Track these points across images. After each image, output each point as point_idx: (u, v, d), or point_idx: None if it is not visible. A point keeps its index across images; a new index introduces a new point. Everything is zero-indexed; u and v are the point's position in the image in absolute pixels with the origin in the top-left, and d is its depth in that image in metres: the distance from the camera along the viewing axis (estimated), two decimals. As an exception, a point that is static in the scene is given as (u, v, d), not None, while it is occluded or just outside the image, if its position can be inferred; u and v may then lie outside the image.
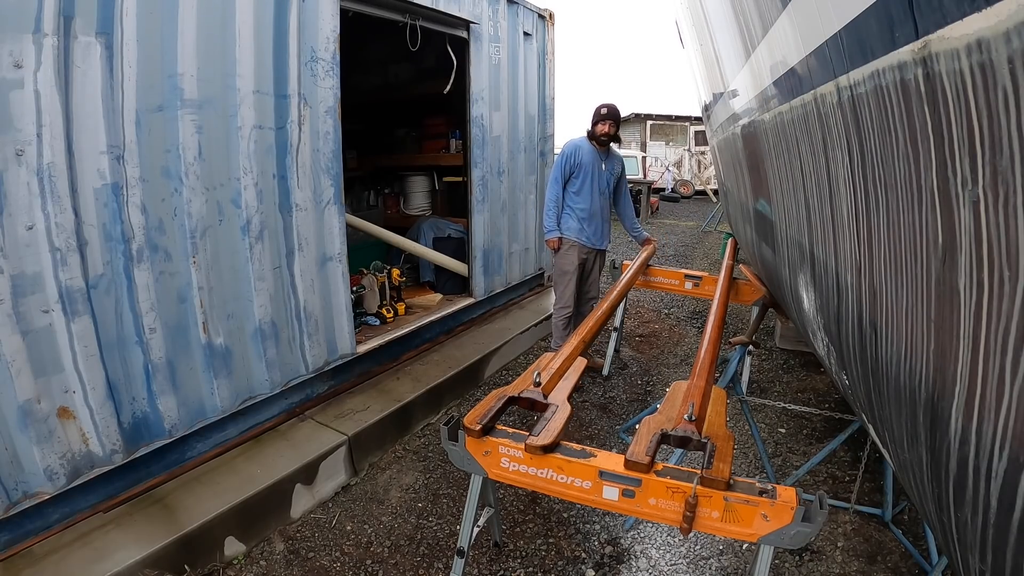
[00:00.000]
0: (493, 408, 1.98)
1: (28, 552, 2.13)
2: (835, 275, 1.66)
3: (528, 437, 1.80)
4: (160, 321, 2.40)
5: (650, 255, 4.31)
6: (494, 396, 2.06)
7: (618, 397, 4.07)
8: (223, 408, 2.71)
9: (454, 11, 3.81)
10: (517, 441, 1.83)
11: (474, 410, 1.97)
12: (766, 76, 2.02)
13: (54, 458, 2.13)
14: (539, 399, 2.04)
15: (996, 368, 0.83)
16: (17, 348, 1.99)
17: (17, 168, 1.93)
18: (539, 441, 1.77)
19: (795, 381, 4.26)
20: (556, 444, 1.79)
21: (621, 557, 2.53)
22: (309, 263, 3.05)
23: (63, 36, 1.98)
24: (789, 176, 2.07)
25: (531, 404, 2.06)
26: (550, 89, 5.33)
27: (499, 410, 2.00)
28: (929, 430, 1.11)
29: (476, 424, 1.87)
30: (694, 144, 17.87)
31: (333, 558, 2.51)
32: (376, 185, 6.03)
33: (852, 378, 1.74)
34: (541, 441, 1.76)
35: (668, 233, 11.13)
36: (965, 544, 1.05)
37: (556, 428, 1.83)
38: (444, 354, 4.16)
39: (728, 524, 1.54)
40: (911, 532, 2.60)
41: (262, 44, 2.64)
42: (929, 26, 0.81)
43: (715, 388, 2.09)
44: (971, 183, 0.81)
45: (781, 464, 3.22)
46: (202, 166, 2.47)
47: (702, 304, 5.97)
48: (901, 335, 1.19)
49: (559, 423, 1.87)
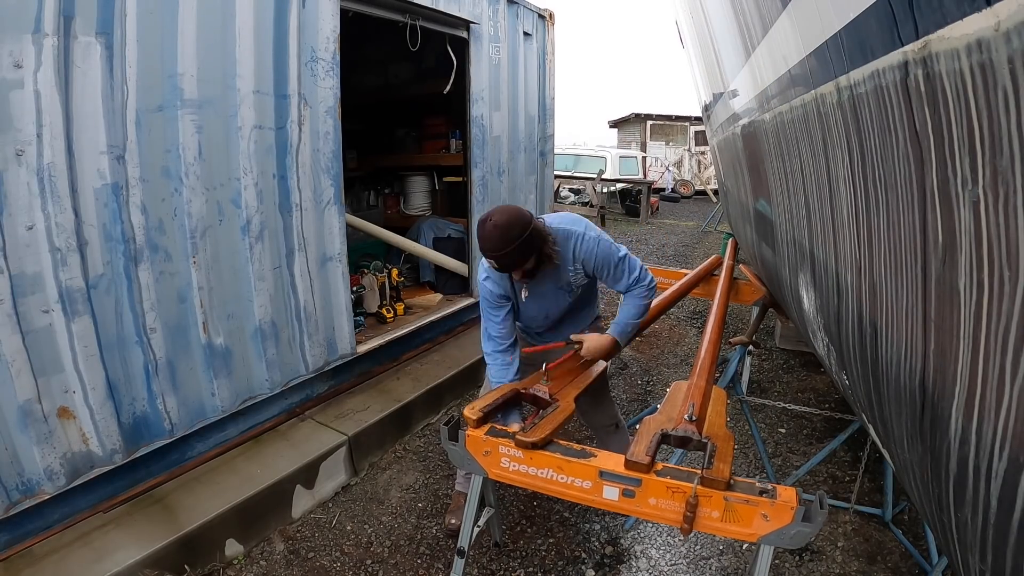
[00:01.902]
0: (496, 401, 1.98)
1: (28, 552, 2.13)
2: (835, 275, 1.66)
3: (517, 432, 1.80)
4: (160, 321, 2.40)
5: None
6: (501, 391, 2.07)
7: (618, 397, 4.07)
8: (223, 408, 2.71)
9: (454, 11, 3.81)
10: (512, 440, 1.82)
11: (477, 401, 1.96)
12: (766, 76, 2.02)
13: (54, 458, 2.13)
14: (543, 396, 2.04)
15: (996, 368, 0.83)
16: (17, 348, 1.99)
17: (17, 168, 1.93)
18: (528, 437, 1.76)
19: (795, 381, 4.26)
20: (547, 441, 1.79)
21: (621, 557, 2.53)
22: (309, 263, 3.05)
23: (63, 36, 1.98)
24: (789, 176, 2.07)
25: (534, 400, 2.06)
26: (550, 89, 5.32)
27: (502, 404, 2.00)
28: (929, 430, 1.11)
29: (477, 413, 1.87)
30: (694, 144, 17.87)
31: (333, 558, 2.51)
32: (376, 185, 6.03)
33: (852, 378, 1.74)
34: (530, 437, 1.76)
35: (668, 233, 11.13)
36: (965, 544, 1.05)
37: (550, 426, 1.83)
38: (444, 354, 4.16)
39: (728, 524, 1.54)
40: (911, 532, 2.60)
41: (262, 44, 2.64)
42: (929, 26, 0.81)
43: (715, 388, 2.09)
44: (971, 183, 0.81)
45: (781, 464, 3.22)
46: (202, 166, 2.47)
47: (702, 304, 5.97)
48: (901, 335, 1.19)
49: (555, 421, 1.86)
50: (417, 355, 4.11)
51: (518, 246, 1.97)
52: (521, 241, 1.97)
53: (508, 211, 2.03)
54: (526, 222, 2.00)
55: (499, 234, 1.96)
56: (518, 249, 1.98)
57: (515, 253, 1.99)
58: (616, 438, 2.60)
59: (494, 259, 2.03)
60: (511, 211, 2.03)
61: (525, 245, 1.99)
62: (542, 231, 2.06)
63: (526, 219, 2.01)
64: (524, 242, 1.98)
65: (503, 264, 2.04)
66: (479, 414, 1.88)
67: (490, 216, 2.01)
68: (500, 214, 2.01)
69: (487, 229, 1.99)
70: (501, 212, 2.02)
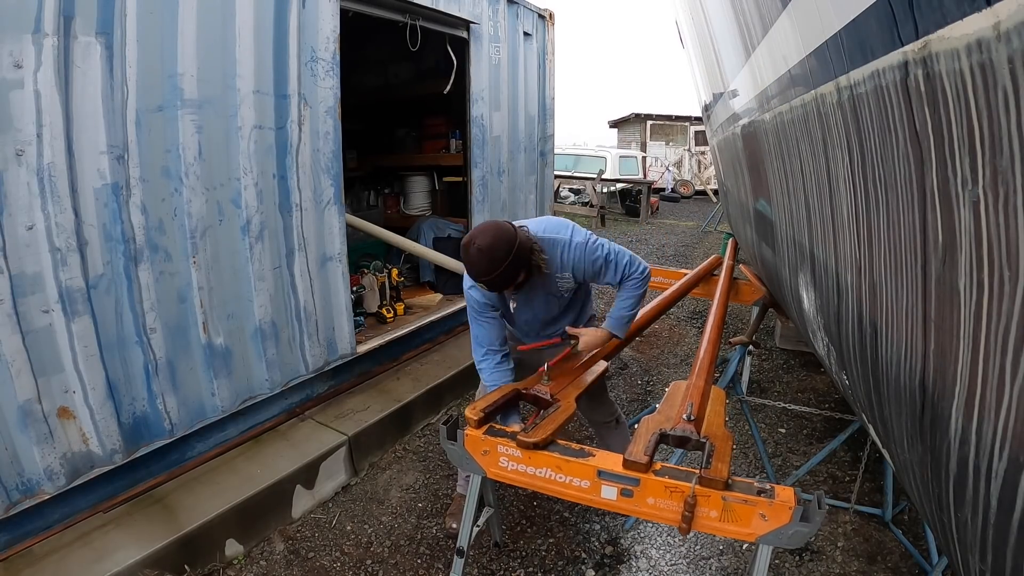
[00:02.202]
0: (498, 401, 1.98)
1: (28, 552, 2.14)
2: (835, 275, 1.66)
3: (519, 433, 1.80)
4: (160, 321, 2.40)
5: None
6: (502, 391, 2.07)
7: (618, 397, 4.07)
8: (223, 408, 2.71)
9: (454, 11, 3.81)
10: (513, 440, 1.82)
11: (478, 401, 1.96)
12: (766, 76, 2.02)
13: (54, 458, 2.13)
14: (544, 396, 2.04)
15: (996, 368, 0.83)
16: (17, 348, 1.99)
17: (17, 168, 1.93)
18: (530, 437, 1.76)
19: (795, 381, 4.26)
20: (549, 441, 1.79)
21: (621, 557, 2.53)
22: (309, 263, 3.05)
23: (63, 36, 1.98)
24: (789, 176, 2.07)
25: (535, 400, 2.06)
26: (550, 89, 5.32)
27: (503, 404, 2.00)
28: (929, 430, 1.11)
29: (478, 414, 1.87)
30: (694, 144, 17.88)
31: (333, 558, 2.51)
32: (376, 185, 6.03)
33: (852, 378, 1.74)
34: (532, 438, 1.76)
35: (668, 233, 11.13)
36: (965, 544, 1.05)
37: (551, 426, 1.83)
38: (444, 354, 4.16)
39: (726, 524, 1.54)
40: (911, 532, 2.60)
41: (262, 44, 2.64)
42: (929, 26, 0.81)
43: (714, 388, 2.09)
44: (971, 183, 0.81)
45: (781, 464, 3.22)
46: (202, 166, 2.47)
47: (702, 304, 5.97)
48: (901, 335, 1.19)
49: (556, 422, 1.86)
50: (417, 355, 4.11)
51: (506, 267, 1.89)
52: (509, 262, 1.88)
53: (491, 231, 1.91)
54: (510, 239, 1.90)
55: (486, 258, 1.87)
56: (507, 270, 1.89)
57: (504, 274, 1.90)
58: (617, 434, 2.59)
59: (484, 283, 1.95)
60: (494, 231, 1.92)
61: (513, 264, 1.90)
62: (527, 244, 1.97)
63: (510, 236, 1.91)
64: (512, 262, 1.89)
65: (494, 286, 1.97)
66: (480, 414, 1.88)
67: (472, 240, 1.91)
68: (483, 236, 1.90)
69: (472, 255, 1.89)
70: (483, 233, 1.91)
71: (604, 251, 2.14)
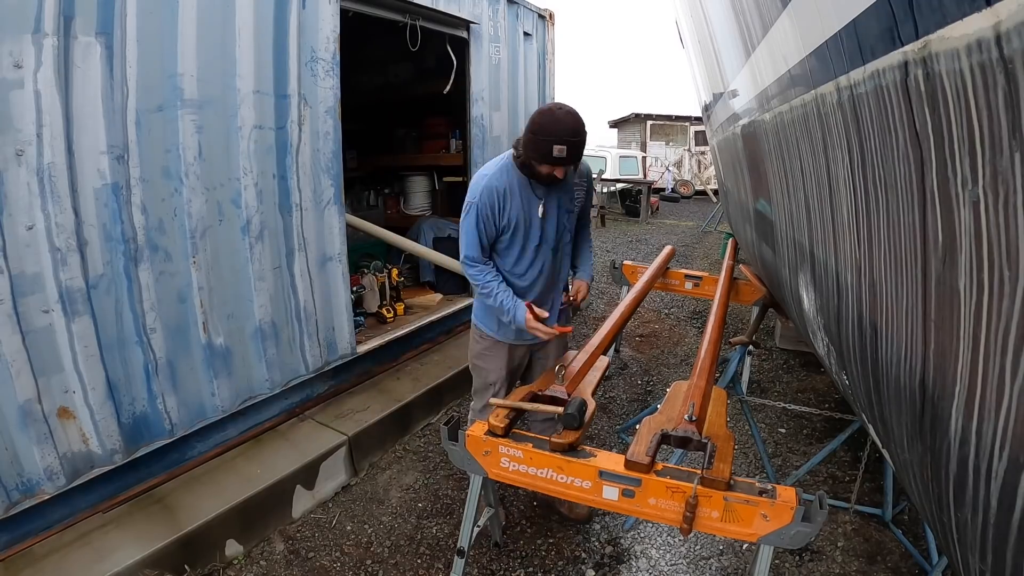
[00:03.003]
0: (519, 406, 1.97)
1: (28, 552, 2.14)
2: (835, 275, 1.66)
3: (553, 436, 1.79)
4: (160, 321, 2.40)
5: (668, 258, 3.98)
6: (517, 394, 2.06)
7: (618, 397, 4.07)
8: (223, 408, 2.71)
9: (454, 11, 3.81)
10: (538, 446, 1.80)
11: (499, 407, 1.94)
12: (766, 76, 2.02)
13: (54, 458, 2.13)
14: (562, 396, 2.03)
15: (996, 368, 0.83)
16: (17, 348, 1.99)
17: (17, 168, 1.93)
18: (563, 439, 1.75)
19: (795, 381, 4.26)
20: (580, 442, 1.78)
21: (621, 557, 2.53)
22: (309, 263, 3.05)
23: (63, 36, 1.98)
24: (789, 176, 2.07)
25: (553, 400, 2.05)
26: (550, 89, 5.32)
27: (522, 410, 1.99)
28: (929, 430, 1.11)
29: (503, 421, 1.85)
30: (694, 144, 17.88)
31: (333, 558, 2.51)
32: (376, 185, 6.03)
33: (852, 378, 1.74)
34: (565, 439, 1.75)
35: (668, 233, 11.13)
36: (965, 544, 1.05)
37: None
38: (444, 354, 4.16)
39: (728, 524, 1.54)
40: (911, 532, 2.60)
41: (262, 44, 2.64)
42: (929, 26, 0.81)
43: (715, 388, 2.08)
44: (971, 183, 0.81)
45: (781, 464, 3.22)
46: (202, 166, 2.47)
47: (702, 304, 5.97)
48: (901, 335, 1.19)
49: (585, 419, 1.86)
50: (417, 355, 4.11)
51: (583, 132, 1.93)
52: (584, 132, 1.93)
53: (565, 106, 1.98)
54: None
55: (574, 119, 1.89)
56: (582, 137, 1.93)
57: (583, 143, 1.94)
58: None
59: (569, 144, 1.90)
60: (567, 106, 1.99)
61: (583, 138, 1.95)
62: None
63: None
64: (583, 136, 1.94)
65: (574, 152, 1.93)
66: (505, 422, 1.85)
67: (553, 108, 1.94)
68: (562, 106, 1.95)
69: (560, 115, 1.89)
70: (560, 106, 1.96)
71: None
